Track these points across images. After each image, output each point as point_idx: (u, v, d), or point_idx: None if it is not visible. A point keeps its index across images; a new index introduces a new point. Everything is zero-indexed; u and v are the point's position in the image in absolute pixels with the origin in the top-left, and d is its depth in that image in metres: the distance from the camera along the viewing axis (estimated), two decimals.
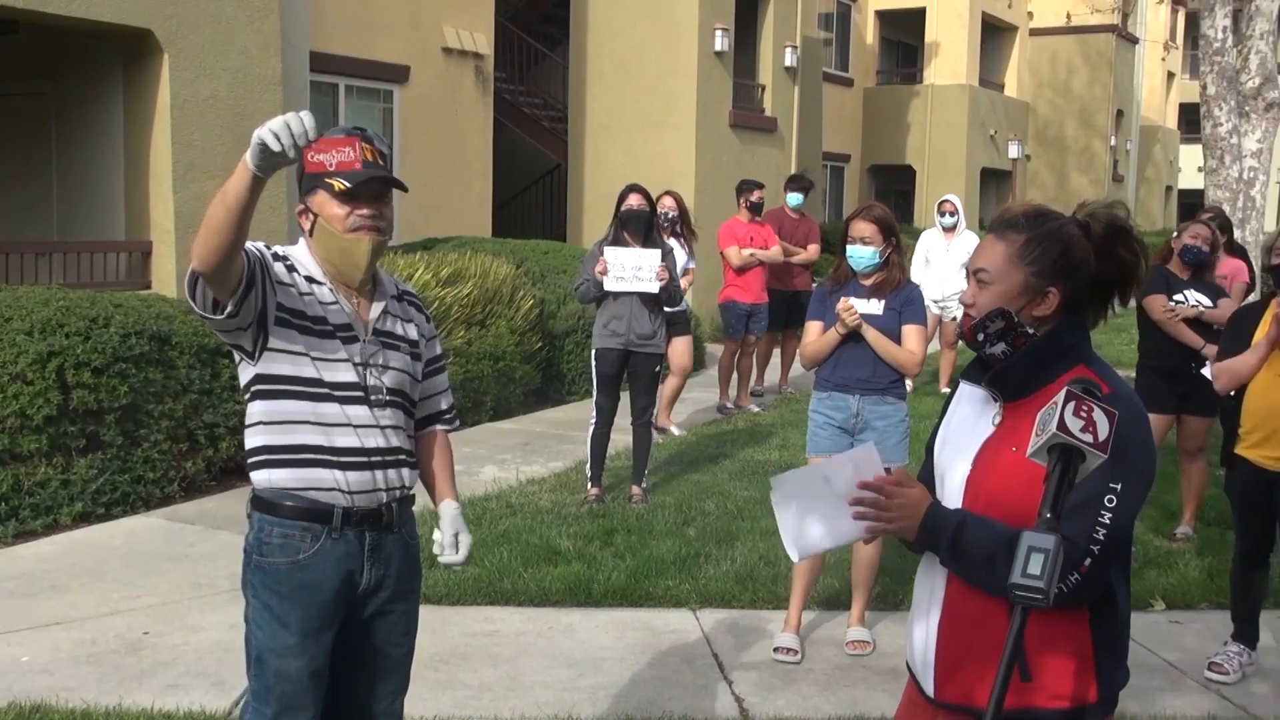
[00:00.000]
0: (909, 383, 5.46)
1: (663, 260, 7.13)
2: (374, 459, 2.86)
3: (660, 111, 16.43)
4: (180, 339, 7.13)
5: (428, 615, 3.29)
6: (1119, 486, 2.14)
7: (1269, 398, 4.80)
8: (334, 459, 2.82)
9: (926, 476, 2.52)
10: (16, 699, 4.33)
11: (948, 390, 10.98)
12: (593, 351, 7.32)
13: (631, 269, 7.12)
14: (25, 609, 5.36)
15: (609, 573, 5.88)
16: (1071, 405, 2.00)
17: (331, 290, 2.86)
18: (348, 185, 2.76)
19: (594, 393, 7.34)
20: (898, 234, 5.12)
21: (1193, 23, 33.15)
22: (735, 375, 10.48)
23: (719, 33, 16.46)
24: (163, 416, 7.01)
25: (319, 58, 11.90)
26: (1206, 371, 5.57)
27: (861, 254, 5.03)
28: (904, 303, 5.10)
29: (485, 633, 5.22)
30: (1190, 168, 38.54)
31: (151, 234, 9.40)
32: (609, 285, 7.12)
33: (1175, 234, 6.93)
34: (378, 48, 13.15)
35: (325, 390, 2.82)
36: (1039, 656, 2.21)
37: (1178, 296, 6.63)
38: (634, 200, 7.28)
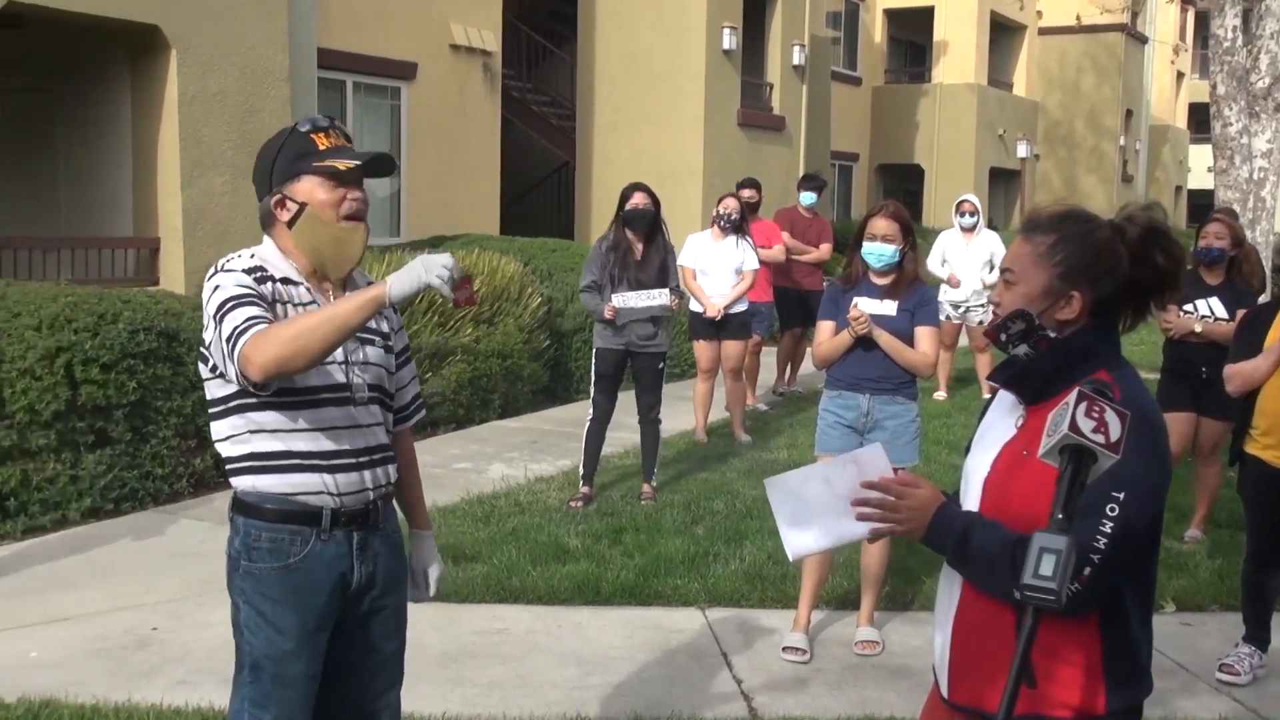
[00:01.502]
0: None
1: (672, 292, 7.17)
2: (361, 459, 2.81)
3: (668, 109, 16.41)
4: (188, 335, 7.11)
5: (436, 613, 3.28)
6: (1121, 495, 2.09)
7: None
8: (323, 463, 2.75)
9: None
10: (26, 694, 4.33)
11: (944, 396, 10.98)
12: (594, 351, 7.32)
13: (642, 309, 7.12)
14: (34, 605, 5.36)
15: (617, 571, 5.87)
16: (1084, 406, 1.98)
17: (309, 289, 2.77)
18: (355, 164, 2.70)
19: (591, 390, 7.31)
20: (914, 233, 5.10)
21: (1203, 22, 33.16)
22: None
23: (727, 31, 16.45)
24: (171, 413, 7.01)
25: (326, 54, 11.90)
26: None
27: (882, 251, 5.01)
28: (917, 304, 5.07)
29: (494, 630, 5.21)
30: (1200, 168, 38.36)
31: (160, 230, 9.41)
32: (619, 320, 7.11)
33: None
34: (385, 44, 13.15)
35: (316, 396, 2.74)
36: (1045, 664, 2.17)
37: (1188, 306, 6.51)
38: (639, 199, 7.22)
